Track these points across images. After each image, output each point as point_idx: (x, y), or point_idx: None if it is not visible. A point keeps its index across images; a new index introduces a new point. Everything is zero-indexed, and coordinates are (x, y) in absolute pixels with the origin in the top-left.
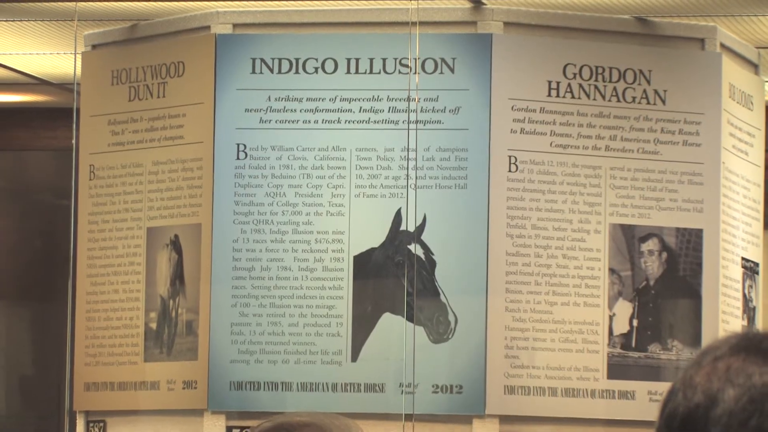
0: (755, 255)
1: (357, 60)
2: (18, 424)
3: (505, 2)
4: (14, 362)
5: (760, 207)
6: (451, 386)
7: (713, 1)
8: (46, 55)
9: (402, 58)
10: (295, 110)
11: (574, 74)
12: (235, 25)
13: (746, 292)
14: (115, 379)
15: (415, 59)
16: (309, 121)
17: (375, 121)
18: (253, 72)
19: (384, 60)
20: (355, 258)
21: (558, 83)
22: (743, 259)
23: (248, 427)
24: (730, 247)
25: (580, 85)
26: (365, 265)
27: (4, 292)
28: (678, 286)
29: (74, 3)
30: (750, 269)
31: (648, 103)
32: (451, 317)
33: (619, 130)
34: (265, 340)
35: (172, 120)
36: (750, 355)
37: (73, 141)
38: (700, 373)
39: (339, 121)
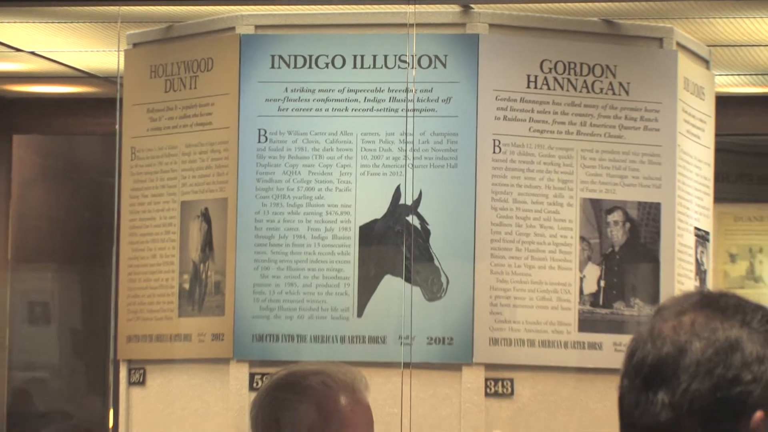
0: (706, 225)
1: (362, 56)
2: (69, 371)
3: (490, 6)
4: (66, 318)
5: (711, 183)
6: (443, 338)
7: (670, 5)
8: (94, 52)
9: (401, 55)
10: (308, 100)
11: (550, 69)
12: (257, 27)
13: (698, 257)
14: (153, 332)
15: (412, 56)
16: (320, 110)
17: (377, 110)
18: (272, 67)
19: (385, 56)
20: (361, 228)
21: (536, 76)
22: (696, 228)
23: (268, 374)
24: (685, 218)
25: (555, 78)
26: (369, 234)
27: (57, 257)
28: (639, 252)
29: (117, 7)
30: (702, 237)
31: (614, 93)
32: (443, 279)
33: (588, 117)
34: (282, 299)
35: (202, 108)
36: (711, 311)
37: (117, 127)
38: (665, 326)
39: (346, 110)
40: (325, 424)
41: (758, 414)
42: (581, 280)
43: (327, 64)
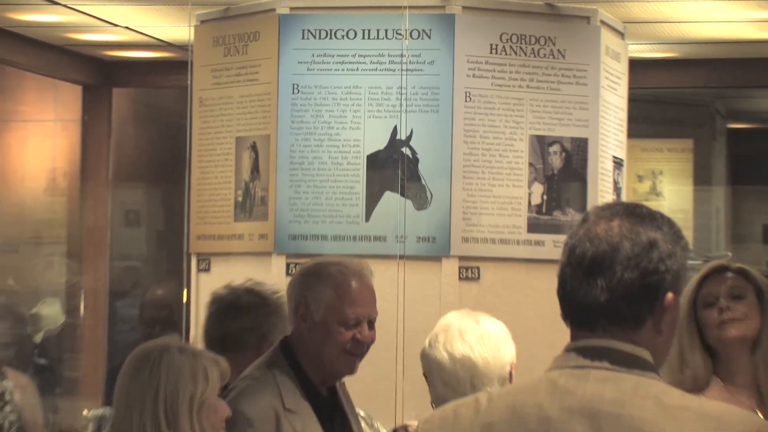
0: (621, 154)
1: (369, 30)
2: (154, 261)
3: None
4: (152, 222)
5: (624, 124)
6: (428, 237)
7: None
8: (172, 27)
9: (398, 29)
10: (329, 63)
11: (507, 39)
12: (291, 8)
13: (615, 178)
14: (215, 233)
15: (406, 30)
16: (338, 69)
17: (380, 70)
18: (303, 38)
19: (386, 30)
20: (368, 156)
21: (496, 45)
22: (613, 157)
23: (299, 264)
24: (605, 149)
25: (510, 47)
26: (374, 161)
27: (145, 177)
28: (572, 174)
29: None
30: (618, 163)
31: (553, 58)
32: (428, 194)
33: (535, 75)
34: (310, 208)
35: (251, 69)
36: (633, 218)
37: (189, 82)
38: (598, 229)
39: (357, 69)
40: (340, 301)
41: (669, 295)
42: (529, 194)
43: (343, 36)
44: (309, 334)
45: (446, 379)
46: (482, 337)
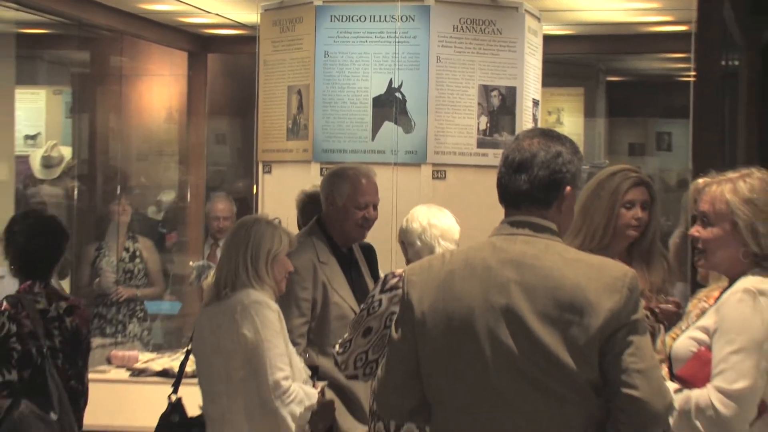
0: (538, 97)
1: (374, 15)
2: (234, 167)
3: None
4: (234, 141)
5: (540, 77)
6: (413, 151)
7: None
8: (246, 14)
9: (392, 15)
10: (348, 37)
11: (464, 22)
12: (324, 1)
13: (534, 113)
14: (275, 148)
15: (398, 15)
16: (354, 41)
17: (381, 42)
18: (331, 21)
19: (385, 16)
20: (373, 98)
21: (457, 25)
22: (533, 99)
23: (328, 168)
24: (527, 94)
25: (467, 26)
26: (378, 102)
27: (229, 112)
28: (505, 111)
29: None
30: (535, 103)
31: (494, 34)
32: (412, 123)
33: (482, 45)
34: (335, 131)
35: (297, 40)
36: (547, 137)
37: (257, 50)
38: (524, 144)
39: (366, 41)
40: (354, 192)
41: (568, 188)
42: (478, 123)
43: (357, 20)
44: (335, 214)
45: (424, 240)
46: (451, 223)
